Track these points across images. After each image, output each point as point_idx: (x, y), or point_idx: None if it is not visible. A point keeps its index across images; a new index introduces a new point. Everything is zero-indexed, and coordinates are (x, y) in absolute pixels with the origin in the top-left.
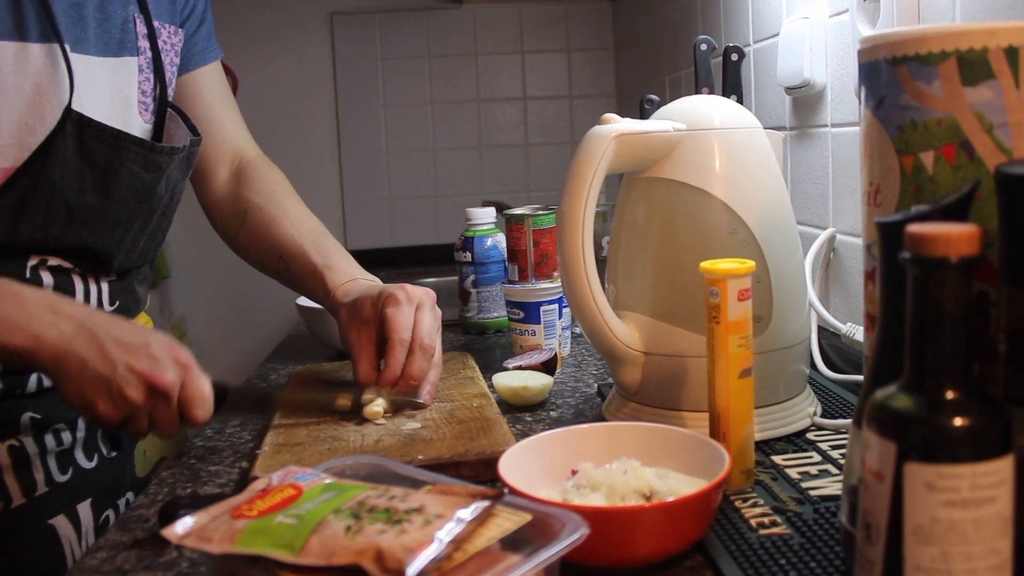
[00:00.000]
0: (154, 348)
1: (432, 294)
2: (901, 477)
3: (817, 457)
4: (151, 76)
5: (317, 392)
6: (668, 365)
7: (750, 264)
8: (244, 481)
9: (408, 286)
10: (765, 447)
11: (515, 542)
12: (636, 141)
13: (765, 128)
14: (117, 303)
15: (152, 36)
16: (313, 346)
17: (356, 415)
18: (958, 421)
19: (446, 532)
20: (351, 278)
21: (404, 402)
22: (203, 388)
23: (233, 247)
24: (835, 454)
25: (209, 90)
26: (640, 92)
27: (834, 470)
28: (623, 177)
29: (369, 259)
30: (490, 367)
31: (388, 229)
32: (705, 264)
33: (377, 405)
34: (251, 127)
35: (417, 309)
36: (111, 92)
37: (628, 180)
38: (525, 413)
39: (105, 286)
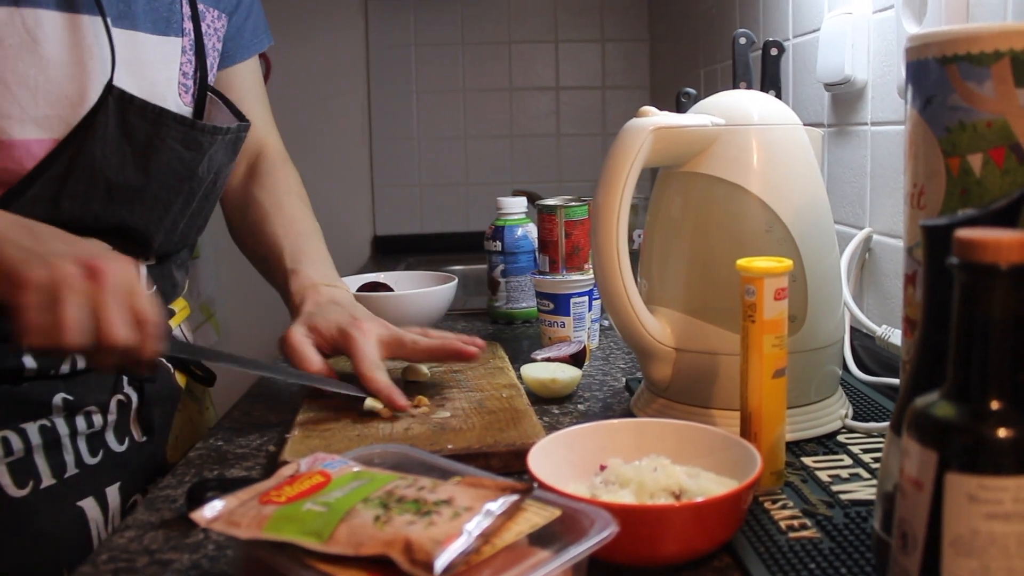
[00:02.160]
0: (100, 246)
1: (382, 326)
2: (942, 487)
3: (848, 460)
4: (193, 59)
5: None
6: (699, 362)
7: (787, 263)
8: (271, 464)
9: (363, 323)
10: (795, 448)
11: (543, 537)
12: (674, 135)
13: (804, 125)
14: (154, 287)
15: (196, 19)
16: None
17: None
18: (1003, 432)
19: (475, 525)
20: (311, 284)
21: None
22: (148, 296)
23: (232, 237)
24: (866, 458)
25: (245, 83)
26: (675, 85)
27: (865, 474)
28: (658, 171)
29: (398, 245)
30: (517, 357)
31: (417, 216)
32: (741, 262)
33: (375, 403)
34: (283, 111)
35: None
36: (153, 70)
37: (664, 174)
38: (552, 405)
39: (143, 269)
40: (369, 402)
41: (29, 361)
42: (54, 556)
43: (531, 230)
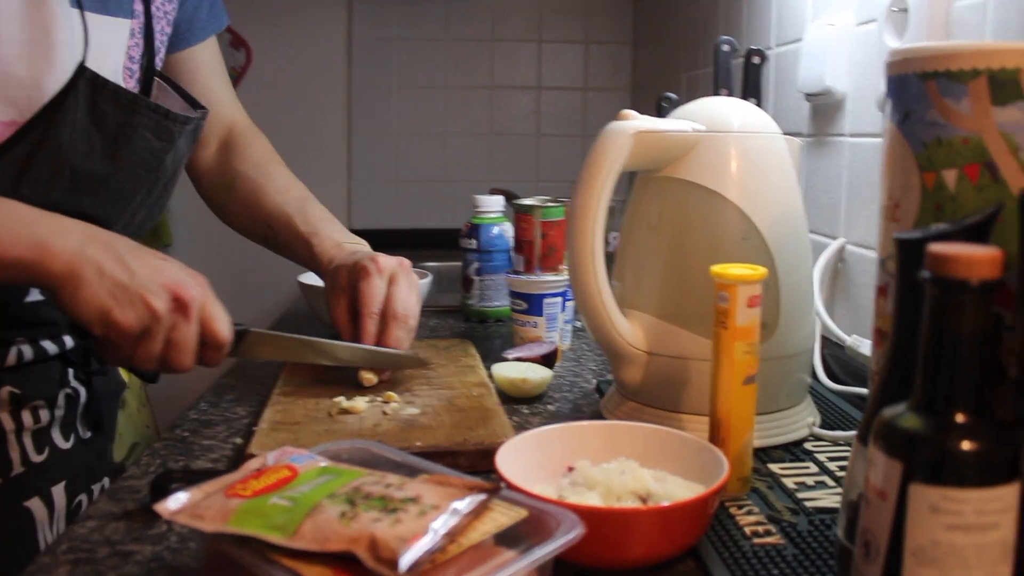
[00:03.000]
0: (173, 264)
1: (406, 262)
2: (905, 497)
3: (814, 468)
4: (141, 42)
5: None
6: (671, 366)
7: (762, 271)
8: (238, 457)
9: (380, 257)
10: (762, 455)
11: (509, 538)
12: (654, 140)
13: (783, 134)
14: None
15: (147, 1)
16: (312, 322)
17: (353, 382)
18: (967, 445)
19: (441, 524)
20: (336, 244)
21: (394, 358)
22: (223, 312)
23: (221, 216)
24: (832, 466)
25: (207, 63)
26: (656, 89)
27: (830, 482)
28: (636, 174)
29: (374, 240)
30: (489, 356)
31: (394, 211)
32: (716, 268)
33: (370, 372)
34: (262, 103)
35: (390, 281)
36: (100, 53)
37: (642, 178)
38: (522, 405)
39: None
40: (363, 374)
41: None
42: (1, 559)
43: (507, 229)
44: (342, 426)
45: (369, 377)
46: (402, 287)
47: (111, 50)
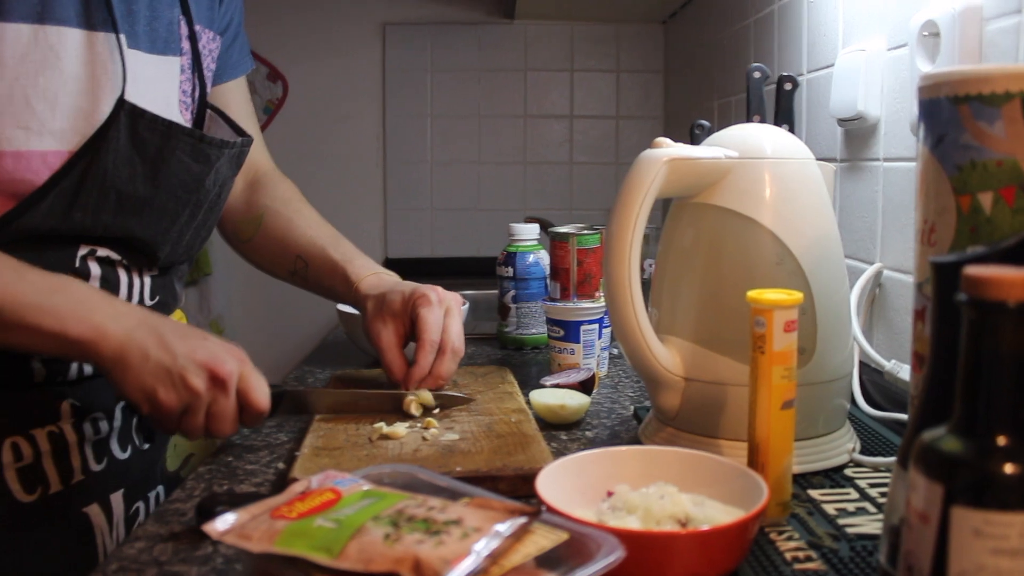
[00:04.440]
0: (212, 342)
1: (459, 299)
2: (947, 521)
3: (855, 494)
4: (192, 77)
5: (359, 393)
6: (708, 392)
7: (797, 296)
8: (280, 481)
9: (439, 288)
10: (802, 480)
11: (550, 560)
12: (688, 166)
13: (816, 159)
14: (157, 298)
15: (193, 38)
16: (350, 351)
17: (397, 411)
18: (1009, 468)
19: (483, 546)
20: (374, 272)
21: (448, 398)
22: (260, 381)
23: (243, 251)
24: (873, 492)
25: (236, 103)
26: (689, 116)
27: (872, 508)
28: (671, 201)
29: (410, 267)
30: (527, 383)
31: (429, 240)
32: (752, 293)
33: (415, 403)
34: (298, 132)
35: (446, 313)
36: (155, 88)
37: (677, 205)
38: (561, 431)
39: (148, 280)
40: (407, 402)
41: (38, 367)
42: (61, 563)
43: (543, 257)
44: (383, 451)
45: (419, 406)
46: (456, 320)
47: (161, 84)
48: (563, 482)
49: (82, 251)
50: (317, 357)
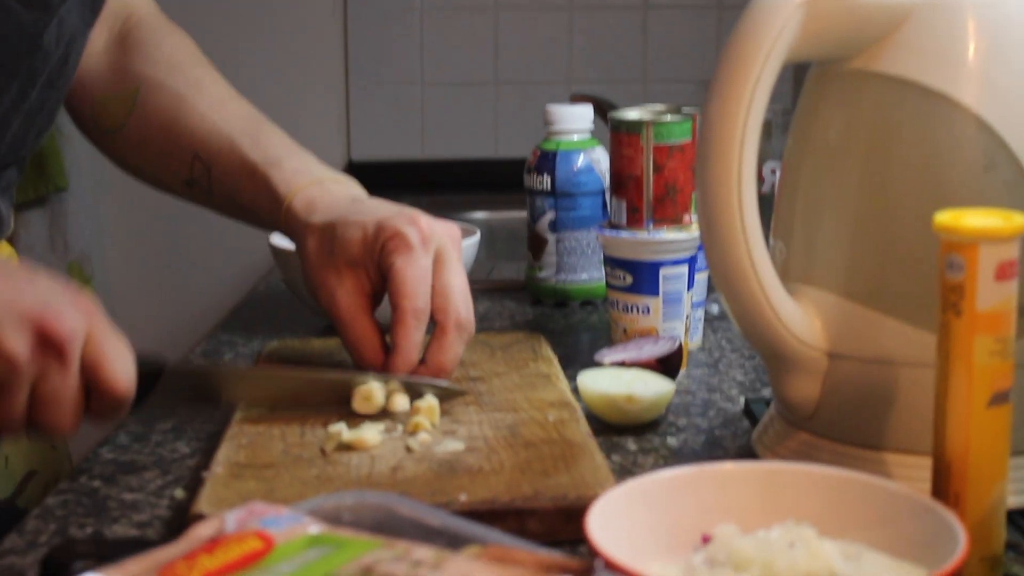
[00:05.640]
0: (45, 285)
1: (456, 233)
2: None
3: None
4: None
5: (305, 377)
6: (866, 376)
7: (1018, 221)
8: (179, 521)
9: (421, 217)
10: (1020, 519)
11: None
12: (837, 10)
13: None
14: None
15: None
16: (292, 310)
17: (341, 406)
18: None
19: None
20: (315, 180)
21: (426, 387)
22: (119, 348)
23: (110, 148)
24: None
25: None
26: None
27: None
28: (809, 69)
29: (385, 178)
30: (573, 360)
31: (417, 132)
32: (943, 217)
33: (376, 390)
34: None
35: (437, 260)
36: None
37: (819, 74)
38: (627, 437)
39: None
40: (360, 393)
41: None
42: None
43: (600, 159)
44: (343, 470)
45: (402, 401)
46: (454, 271)
47: None
48: (631, 520)
49: None
50: (239, 320)
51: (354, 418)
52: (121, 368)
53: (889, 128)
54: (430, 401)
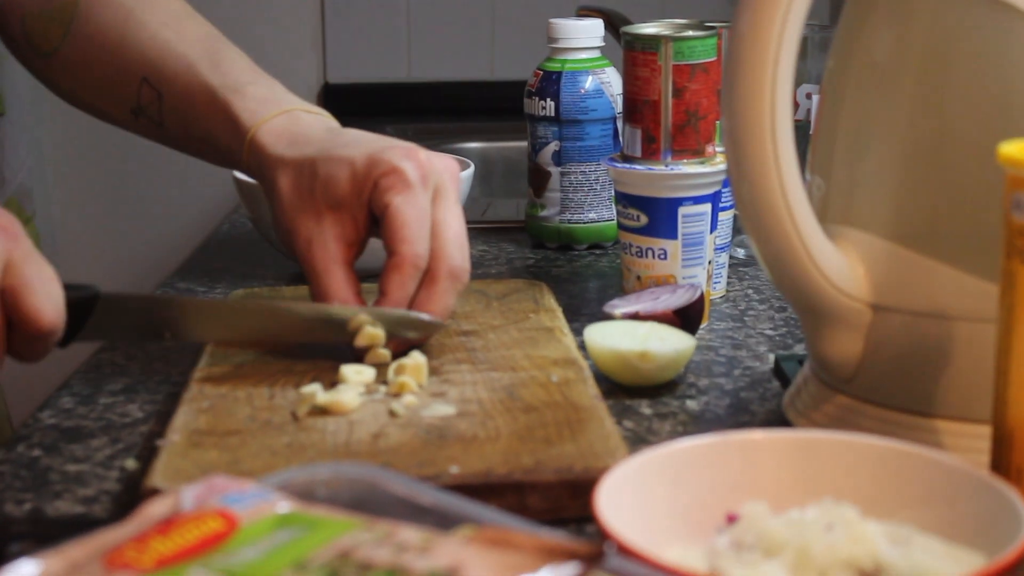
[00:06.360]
0: None
1: (454, 168)
2: None
3: None
4: None
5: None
6: (916, 331)
7: None
8: (130, 496)
9: (419, 152)
10: None
11: None
12: None
13: None
14: None
15: None
16: (261, 252)
17: (339, 354)
18: None
19: None
20: (284, 110)
21: (409, 322)
22: (44, 275)
23: (47, 73)
24: None
25: None
26: None
27: None
28: None
29: (367, 103)
30: (579, 311)
31: (402, 52)
32: (1009, 148)
33: (377, 336)
34: None
35: (435, 197)
36: None
37: None
38: (642, 399)
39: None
40: (365, 336)
41: None
42: None
43: (612, 82)
44: (317, 437)
45: (383, 353)
46: (452, 211)
47: None
48: (646, 496)
49: None
50: (200, 265)
51: (329, 374)
52: (46, 297)
53: (947, 45)
54: (417, 359)
